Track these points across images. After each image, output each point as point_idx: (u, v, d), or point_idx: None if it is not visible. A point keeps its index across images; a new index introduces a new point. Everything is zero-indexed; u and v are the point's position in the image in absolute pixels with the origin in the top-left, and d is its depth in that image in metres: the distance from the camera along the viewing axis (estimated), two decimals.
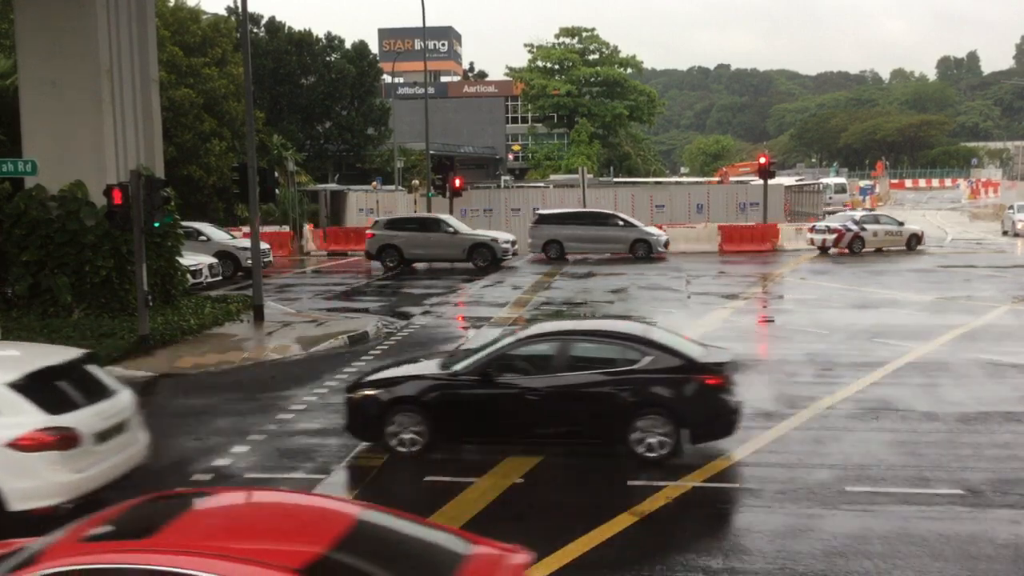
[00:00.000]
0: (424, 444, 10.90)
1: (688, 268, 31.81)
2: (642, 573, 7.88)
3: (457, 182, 40.45)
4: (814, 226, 37.26)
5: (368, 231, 34.85)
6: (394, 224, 34.53)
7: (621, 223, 35.97)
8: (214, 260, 29.01)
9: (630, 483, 10.02)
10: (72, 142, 20.00)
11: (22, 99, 20.44)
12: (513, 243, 34.49)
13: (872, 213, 41.04)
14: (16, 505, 8.74)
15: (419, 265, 34.08)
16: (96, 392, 9.61)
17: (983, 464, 10.52)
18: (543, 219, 36.37)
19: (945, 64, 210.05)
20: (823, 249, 35.49)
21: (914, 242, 36.25)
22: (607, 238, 35.53)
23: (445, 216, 35.69)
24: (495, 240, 33.61)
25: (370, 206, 48.22)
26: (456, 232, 33.68)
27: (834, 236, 35.30)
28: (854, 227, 35.58)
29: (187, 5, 46.50)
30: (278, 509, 6.23)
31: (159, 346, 17.79)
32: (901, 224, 37.24)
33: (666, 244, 35.89)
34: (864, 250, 35.12)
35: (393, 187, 58.73)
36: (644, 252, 35.00)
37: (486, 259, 32.97)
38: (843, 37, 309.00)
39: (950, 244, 40.17)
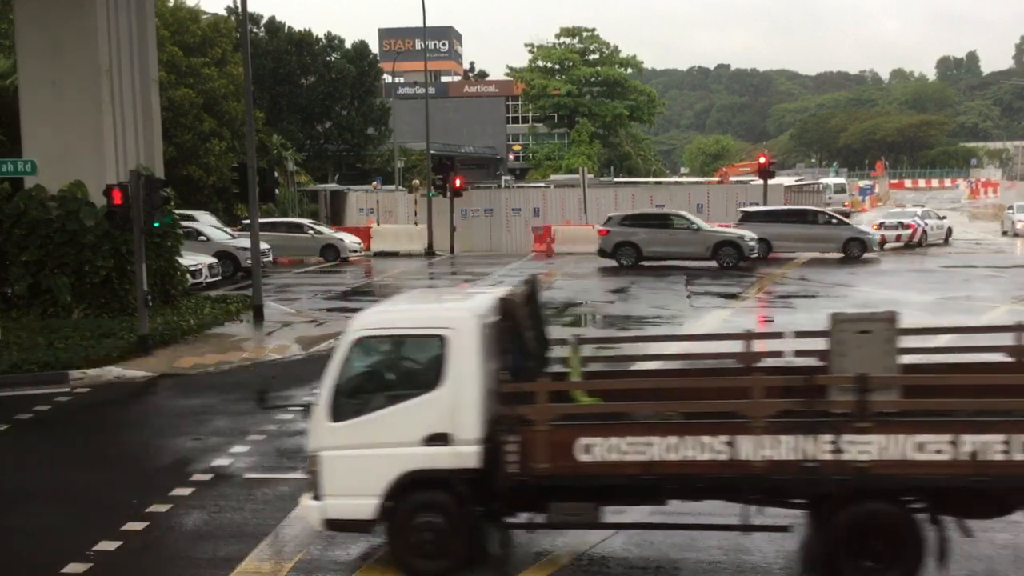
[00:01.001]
0: None
1: (688, 268, 31.81)
2: (643, 571, 7.88)
3: (458, 182, 40.44)
4: (883, 223, 39.30)
5: (602, 227, 32.91)
6: (632, 220, 32.80)
7: (834, 221, 33.96)
8: (214, 260, 29.02)
9: None
10: (72, 142, 20.01)
11: (22, 99, 20.46)
12: (758, 241, 31.90)
13: (925, 210, 45.05)
14: None
15: (404, 266, 34.03)
16: None
17: None
18: (748, 216, 34.18)
19: (945, 64, 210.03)
20: (882, 244, 36.84)
21: (948, 235, 40.54)
22: (816, 236, 33.24)
23: (684, 212, 34.25)
24: (741, 238, 31.34)
25: (370, 206, 48.22)
26: (699, 228, 31.87)
27: (908, 232, 38.37)
28: (921, 223, 39.24)
29: (187, 5, 46.51)
30: None
31: (159, 346, 17.78)
32: (943, 219, 42.10)
33: (881, 244, 34.82)
34: (927, 242, 38.45)
35: (393, 187, 58.75)
36: (859, 251, 32.96)
37: (733, 258, 30.83)
38: (843, 37, 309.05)
39: (950, 244, 40.22)
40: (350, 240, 38.30)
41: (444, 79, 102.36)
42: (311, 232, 38.11)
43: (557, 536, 8.56)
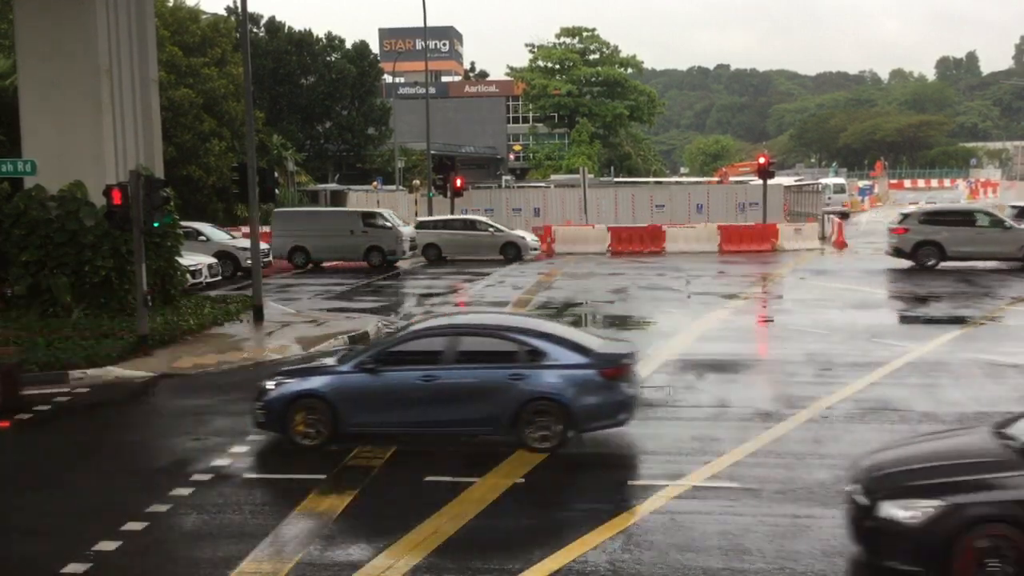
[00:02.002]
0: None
1: (688, 268, 31.80)
2: (642, 572, 7.88)
3: (458, 182, 40.45)
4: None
5: (898, 226, 30.81)
6: (935, 218, 30.69)
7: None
8: (214, 260, 29.01)
9: (630, 483, 10.02)
10: (72, 142, 20.01)
11: (22, 99, 20.45)
12: None
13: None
14: None
15: (405, 265, 34.00)
16: None
17: None
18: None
19: (944, 64, 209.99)
20: None
21: None
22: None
23: (991, 208, 32.23)
24: None
25: (370, 206, 48.21)
26: (1010, 228, 29.71)
27: None
28: None
29: (187, 5, 46.50)
30: None
31: (158, 346, 17.77)
32: None
33: None
34: None
35: (394, 187, 58.76)
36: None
37: None
38: (842, 37, 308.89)
39: None
40: (531, 239, 36.81)
41: (444, 79, 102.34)
42: (490, 230, 36.90)
43: (558, 535, 8.56)
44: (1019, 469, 7.36)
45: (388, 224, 34.83)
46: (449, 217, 38.52)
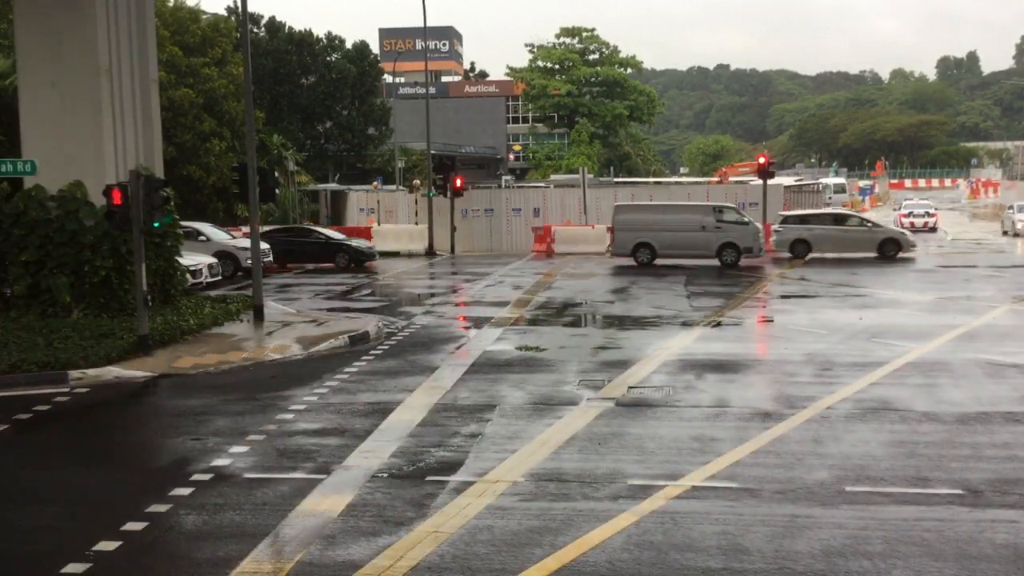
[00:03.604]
0: None
1: (688, 268, 31.81)
2: (642, 572, 7.88)
3: (458, 182, 40.47)
4: (911, 212, 47.66)
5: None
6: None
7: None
8: (214, 260, 29.03)
9: (630, 483, 10.02)
10: (72, 142, 20.01)
11: (21, 99, 20.45)
12: None
13: (922, 202, 53.61)
14: None
15: (405, 266, 33.97)
16: None
17: (983, 464, 10.51)
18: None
19: (945, 64, 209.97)
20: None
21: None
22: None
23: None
24: None
25: (371, 206, 48.25)
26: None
27: (934, 219, 48.15)
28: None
29: (187, 5, 46.51)
30: None
31: (158, 346, 17.77)
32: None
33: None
34: None
35: (394, 187, 58.78)
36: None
37: None
38: (842, 37, 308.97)
39: (950, 244, 40.21)
40: (910, 235, 34.83)
41: (444, 79, 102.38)
42: (867, 224, 34.90)
43: (557, 535, 8.56)
44: None
45: (745, 219, 33.16)
46: (818, 211, 37.21)
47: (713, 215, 33.00)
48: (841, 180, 72.50)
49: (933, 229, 47.49)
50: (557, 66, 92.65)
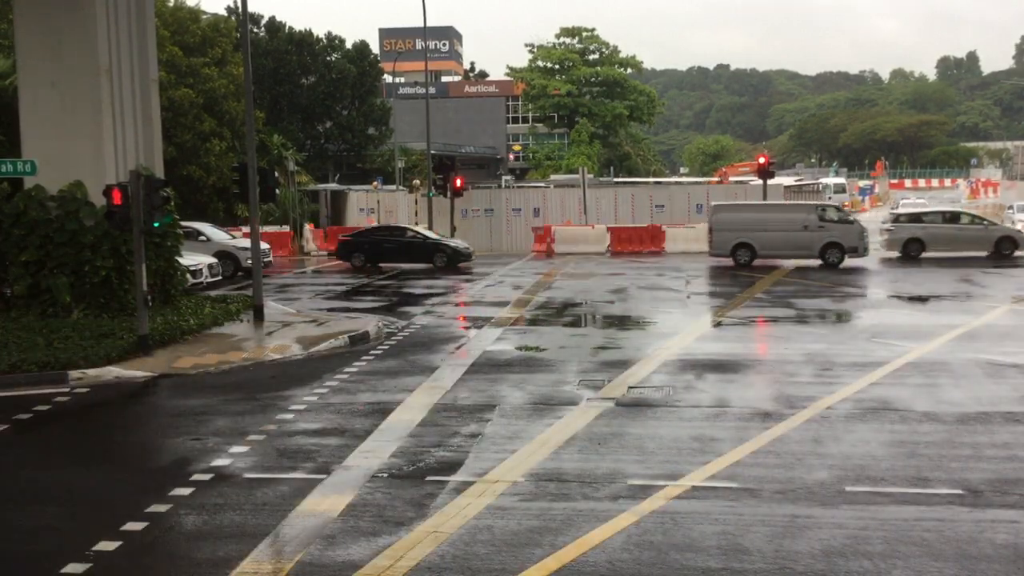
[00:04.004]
0: None
1: (688, 268, 31.81)
2: (642, 572, 7.88)
3: (458, 182, 40.48)
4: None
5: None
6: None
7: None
8: (214, 260, 29.04)
9: (630, 483, 10.02)
10: (72, 142, 20.00)
11: (21, 99, 20.45)
12: None
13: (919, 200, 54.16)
14: None
15: (404, 266, 33.97)
16: None
17: (983, 464, 10.51)
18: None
19: (945, 64, 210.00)
20: None
21: None
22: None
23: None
24: None
25: (371, 206, 48.24)
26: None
27: None
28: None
29: (187, 5, 46.52)
30: None
31: (158, 346, 17.77)
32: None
33: None
34: None
35: (394, 187, 58.77)
36: None
37: None
38: (842, 37, 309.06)
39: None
40: None
41: (444, 79, 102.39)
42: (983, 223, 33.74)
43: (557, 535, 8.56)
44: None
45: (849, 218, 32.51)
46: (931, 209, 37.10)
47: (816, 214, 32.47)
48: (841, 180, 72.55)
49: None
50: (557, 66, 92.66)
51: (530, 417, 12.79)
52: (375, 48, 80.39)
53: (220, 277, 28.97)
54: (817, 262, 31.84)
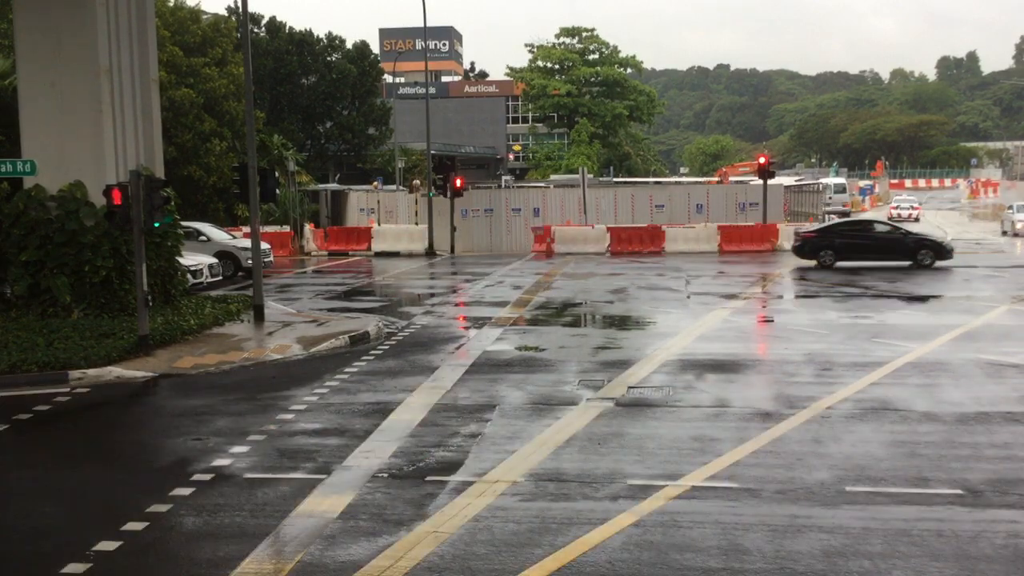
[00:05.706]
0: None
1: (688, 268, 31.81)
2: (641, 572, 7.88)
3: (458, 182, 40.48)
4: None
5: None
6: None
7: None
8: (214, 260, 29.03)
9: (630, 483, 10.02)
10: (72, 142, 20.00)
11: (21, 99, 20.45)
12: None
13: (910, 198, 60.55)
14: None
15: (405, 266, 33.95)
16: None
17: (983, 464, 10.52)
18: None
19: (945, 64, 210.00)
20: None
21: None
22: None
23: None
24: None
25: (371, 206, 48.25)
26: None
27: (918, 211, 55.89)
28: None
29: (187, 5, 46.52)
30: None
31: (159, 346, 17.77)
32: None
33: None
34: None
35: (394, 187, 58.81)
36: None
37: None
38: (842, 37, 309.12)
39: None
40: None
41: (444, 79, 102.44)
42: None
43: (557, 535, 8.57)
44: None
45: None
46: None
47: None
48: (841, 180, 72.46)
49: (916, 220, 53.83)
50: (557, 66, 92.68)
51: (530, 417, 12.79)
52: (375, 48, 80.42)
53: (220, 277, 28.97)
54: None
